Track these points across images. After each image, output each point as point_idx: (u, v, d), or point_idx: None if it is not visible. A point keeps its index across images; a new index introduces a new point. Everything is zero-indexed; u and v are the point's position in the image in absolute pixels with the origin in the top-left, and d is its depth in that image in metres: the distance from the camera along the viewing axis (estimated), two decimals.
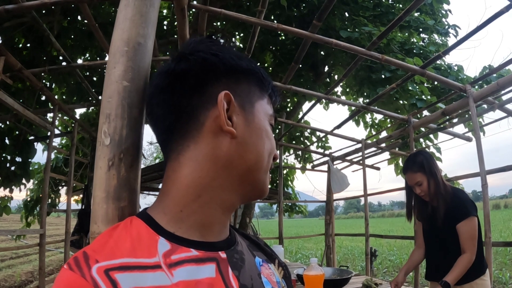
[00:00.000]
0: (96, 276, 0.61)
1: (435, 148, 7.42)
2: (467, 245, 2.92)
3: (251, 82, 0.84)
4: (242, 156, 0.79)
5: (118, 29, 0.96)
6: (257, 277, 0.83)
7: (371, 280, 3.45)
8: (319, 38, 3.65)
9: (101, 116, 0.90)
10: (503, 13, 3.31)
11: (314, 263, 2.30)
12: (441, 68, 6.16)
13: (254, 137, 0.81)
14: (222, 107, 0.76)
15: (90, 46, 6.65)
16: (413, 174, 3.19)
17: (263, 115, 0.85)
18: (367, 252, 6.02)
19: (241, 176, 0.80)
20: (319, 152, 8.78)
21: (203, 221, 0.77)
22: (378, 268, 12.65)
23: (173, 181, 0.78)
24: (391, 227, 34.94)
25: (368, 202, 6.43)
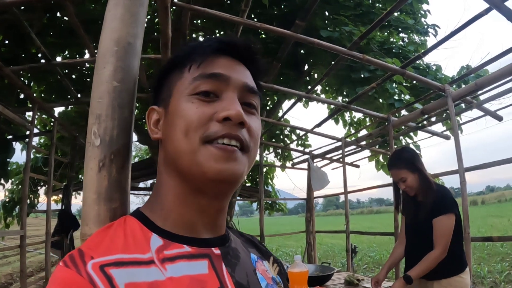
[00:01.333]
0: (92, 272, 0.62)
1: (414, 146, 7.51)
2: (438, 241, 2.92)
3: (171, 74, 0.84)
4: (168, 152, 0.80)
5: (107, 28, 0.96)
6: (252, 273, 0.83)
7: (353, 276, 3.49)
8: (302, 38, 3.66)
9: (90, 116, 0.90)
10: (483, 15, 3.37)
11: (298, 260, 2.30)
12: (419, 68, 6.23)
13: (168, 128, 0.79)
14: (148, 121, 0.85)
15: (70, 43, 6.54)
16: (398, 171, 3.19)
17: (179, 96, 0.79)
18: (348, 249, 6.07)
19: (176, 170, 0.78)
20: (299, 150, 8.81)
21: (187, 221, 0.78)
22: (358, 264, 12.75)
23: (160, 184, 0.82)
24: (370, 224, 35.21)
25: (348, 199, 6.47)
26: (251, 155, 0.79)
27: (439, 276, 2.96)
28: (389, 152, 6.32)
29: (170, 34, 3.05)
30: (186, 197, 0.78)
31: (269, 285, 0.86)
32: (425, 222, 3.04)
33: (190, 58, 0.80)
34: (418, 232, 3.20)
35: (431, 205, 3.02)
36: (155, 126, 0.84)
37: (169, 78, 0.83)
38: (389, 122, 5.38)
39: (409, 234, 3.34)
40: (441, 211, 2.96)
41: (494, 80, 3.88)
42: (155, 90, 0.88)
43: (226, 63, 0.81)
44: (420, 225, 3.11)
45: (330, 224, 33.37)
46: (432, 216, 2.98)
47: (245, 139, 0.77)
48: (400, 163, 3.21)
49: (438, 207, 2.99)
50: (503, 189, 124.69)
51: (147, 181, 10.57)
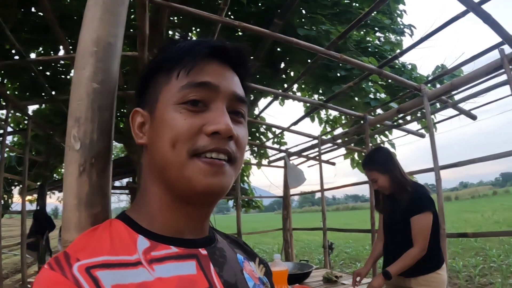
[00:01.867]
0: (77, 274, 0.61)
1: (389, 144, 7.59)
2: (417, 239, 2.94)
3: (157, 77, 0.80)
4: (153, 161, 0.78)
5: (86, 28, 0.93)
6: (240, 273, 0.83)
7: (331, 273, 3.51)
8: (281, 37, 3.66)
9: (69, 119, 0.87)
10: (459, 18, 3.43)
11: (278, 259, 2.31)
12: (395, 67, 6.28)
13: (155, 136, 0.77)
14: (133, 125, 0.81)
15: (45, 40, 6.41)
16: (369, 172, 3.24)
17: (166, 103, 0.76)
18: (325, 246, 6.10)
19: (162, 179, 0.77)
20: (275, 148, 8.82)
21: (173, 225, 0.77)
22: (335, 260, 12.83)
23: (142, 188, 0.81)
24: (346, 220, 35.50)
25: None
26: (237, 165, 0.79)
27: (416, 273, 2.98)
28: (364, 150, 6.39)
29: (147, 31, 3.01)
30: (172, 204, 0.77)
31: (256, 285, 0.86)
32: (401, 220, 3.08)
33: (178, 63, 0.77)
34: (394, 230, 3.23)
35: (407, 204, 3.04)
36: (139, 129, 0.81)
37: (155, 80, 0.80)
38: (365, 121, 5.43)
39: (386, 231, 3.37)
40: (418, 210, 2.97)
41: (469, 81, 3.94)
42: (138, 90, 0.85)
43: (215, 70, 0.78)
44: (396, 223, 3.15)
45: (306, 221, 33.45)
46: (409, 215, 3.01)
47: (233, 151, 0.76)
48: (371, 164, 3.26)
49: (415, 206, 3.00)
50: (476, 185, 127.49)
51: (123, 179, 10.47)
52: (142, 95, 0.84)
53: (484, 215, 25.25)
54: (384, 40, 7.33)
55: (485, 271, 9.50)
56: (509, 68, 3.29)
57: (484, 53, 3.90)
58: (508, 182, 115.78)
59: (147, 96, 0.81)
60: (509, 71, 3.29)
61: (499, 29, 3.21)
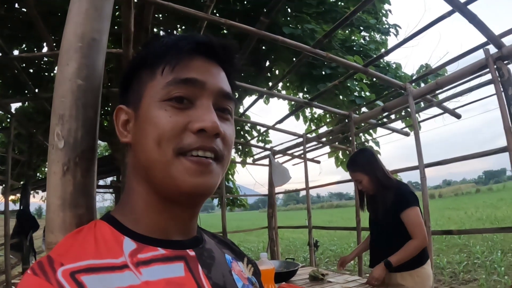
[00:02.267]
0: (62, 279, 0.59)
1: (374, 143, 7.64)
2: (414, 232, 3.01)
3: (141, 73, 0.78)
4: (137, 159, 0.76)
5: (71, 22, 0.90)
6: (228, 274, 0.82)
7: (318, 271, 3.49)
8: (266, 34, 3.65)
9: (53, 117, 0.84)
10: (445, 17, 3.45)
11: (264, 257, 2.30)
12: (380, 66, 6.32)
13: (139, 134, 0.74)
14: (116, 122, 0.78)
15: (28, 36, 6.31)
16: (353, 173, 3.36)
17: (150, 101, 0.74)
18: (310, 244, 6.11)
19: (147, 179, 0.75)
20: (260, 146, 8.81)
21: (160, 226, 0.75)
22: (320, 258, 12.87)
23: (127, 188, 0.79)
24: (330, 218, 35.69)
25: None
26: (224, 163, 0.77)
27: (402, 269, 3.04)
28: (349, 148, 6.42)
29: (132, 28, 2.97)
30: (158, 204, 0.75)
31: (245, 286, 0.85)
32: (384, 219, 3.20)
33: (163, 59, 0.75)
34: (378, 228, 3.35)
35: (391, 203, 3.12)
36: (123, 128, 0.79)
37: (139, 77, 0.78)
38: (350, 119, 5.45)
39: (373, 230, 3.47)
40: (405, 206, 3.05)
41: (454, 80, 3.98)
42: (122, 87, 0.82)
43: (201, 66, 0.76)
44: (380, 221, 3.27)
45: (291, 219, 33.67)
46: (394, 213, 3.09)
47: (220, 149, 0.74)
48: (355, 166, 3.37)
49: (401, 203, 3.08)
50: (459, 183, 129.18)
51: (107, 178, 10.37)
52: (126, 92, 0.81)
53: (467, 212, 25.57)
54: (369, 39, 7.37)
55: (469, 268, 9.60)
56: (494, 68, 3.32)
57: (469, 53, 3.95)
58: (491, 180, 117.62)
59: (131, 93, 0.79)
60: (493, 70, 3.32)
61: (484, 29, 3.24)
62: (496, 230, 5.18)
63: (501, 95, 3.25)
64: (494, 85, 3.34)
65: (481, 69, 3.63)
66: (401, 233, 3.08)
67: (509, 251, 10.65)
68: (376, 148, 7.63)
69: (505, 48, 3.29)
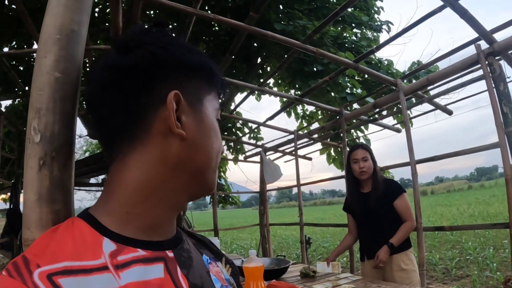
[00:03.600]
0: (39, 282, 0.56)
1: (364, 140, 7.66)
2: (407, 215, 3.55)
3: (201, 77, 0.79)
4: (192, 158, 0.75)
5: (50, 14, 0.88)
6: (206, 275, 0.81)
7: (309, 268, 3.50)
8: (256, 30, 3.64)
9: (30, 110, 0.82)
10: (436, 13, 3.46)
11: (253, 255, 2.28)
12: (372, 62, 6.33)
13: (204, 138, 0.77)
14: (172, 109, 0.71)
15: (18, 33, 6.25)
16: (364, 150, 3.77)
17: (212, 111, 0.81)
18: (302, 241, 6.11)
19: (191, 178, 0.77)
20: (252, 143, 8.81)
21: (150, 223, 0.74)
22: (313, 255, 12.92)
23: (118, 183, 0.73)
24: (323, 215, 35.85)
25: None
26: None
27: (398, 250, 3.48)
28: (341, 145, 6.42)
29: (120, 24, 2.95)
30: (173, 196, 0.77)
31: (223, 286, 0.84)
32: (376, 209, 3.62)
33: (221, 86, 0.86)
34: (369, 219, 3.71)
35: (383, 192, 3.61)
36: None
37: (198, 77, 0.79)
38: (341, 115, 5.45)
39: (362, 222, 3.86)
40: (396, 194, 3.60)
41: (445, 76, 3.98)
42: (186, 66, 0.77)
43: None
44: (371, 212, 3.66)
45: (284, 216, 33.82)
46: (388, 201, 3.60)
47: None
48: (365, 147, 3.85)
49: (393, 192, 3.62)
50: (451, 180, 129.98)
51: (98, 176, 10.31)
52: (178, 79, 0.76)
53: (460, 209, 25.73)
54: (361, 36, 7.39)
55: (461, 264, 9.66)
56: (485, 63, 3.33)
57: (460, 48, 3.96)
58: (483, 177, 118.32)
59: (187, 87, 0.76)
60: (485, 66, 3.33)
61: (476, 24, 3.24)
62: (488, 226, 5.19)
63: (493, 91, 3.26)
64: (485, 80, 3.35)
65: (472, 65, 3.64)
66: (393, 219, 3.58)
67: (501, 247, 10.72)
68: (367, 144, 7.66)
69: (496, 44, 3.30)
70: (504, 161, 3.16)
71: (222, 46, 7.02)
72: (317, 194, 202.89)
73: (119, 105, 0.72)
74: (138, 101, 0.72)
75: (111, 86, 0.72)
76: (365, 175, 3.71)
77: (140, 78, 0.72)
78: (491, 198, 31.94)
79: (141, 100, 0.72)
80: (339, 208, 39.75)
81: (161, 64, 0.73)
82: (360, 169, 3.70)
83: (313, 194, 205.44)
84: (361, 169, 3.70)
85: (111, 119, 0.74)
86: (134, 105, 0.72)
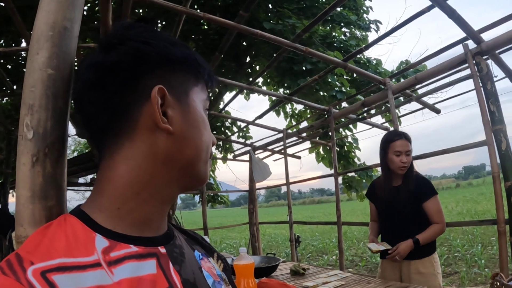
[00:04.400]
0: (32, 279, 0.56)
1: (352, 139, 7.71)
2: (439, 217, 3.19)
3: (186, 70, 0.79)
4: (181, 151, 0.76)
5: (42, 11, 0.87)
6: (198, 270, 0.81)
7: (299, 266, 3.51)
8: (246, 29, 3.64)
9: (22, 107, 0.82)
10: (425, 12, 3.50)
11: (244, 252, 2.29)
12: (360, 62, 6.37)
13: (192, 130, 0.77)
14: (156, 103, 0.71)
15: (6, 31, 6.20)
16: (407, 142, 3.31)
17: (199, 103, 0.81)
18: (291, 239, 6.13)
19: (181, 171, 0.77)
20: (241, 142, 8.82)
21: (142, 218, 0.74)
22: (302, 253, 12.94)
23: (108, 179, 0.73)
24: (312, 214, 35.94)
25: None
26: None
27: (422, 255, 3.19)
28: (329, 143, 6.45)
29: (110, 22, 2.93)
30: (164, 190, 0.78)
31: (215, 282, 0.84)
32: (405, 206, 3.26)
33: (209, 77, 0.87)
34: (394, 215, 3.36)
35: (414, 190, 3.23)
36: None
37: (183, 70, 0.79)
38: (330, 114, 5.47)
39: (386, 217, 3.51)
40: (428, 195, 3.21)
41: (433, 74, 4.02)
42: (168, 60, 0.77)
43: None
44: (397, 209, 3.31)
45: (273, 215, 33.81)
46: (419, 201, 3.23)
47: None
48: (408, 137, 3.36)
49: (423, 192, 3.23)
50: (439, 178, 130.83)
51: (87, 176, 10.26)
52: (162, 73, 0.76)
53: (448, 206, 25.89)
54: (350, 35, 7.42)
55: (449, 261, 9.74)
56: (473, 63, 3.36)
57: (448, 48, 4.00)
58: (471, 175, 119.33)
59: (172, 81, 0.76)
60: (472, 65, 3.36)
61: (464, 24, 3.27)
62: (476, 223, 5.27)
63: (480, 90, 3.29)
64: (473, 79, 3.38)
65: (460, 64, 3.68)
66: (419, 219, 3.24)
67: (489, 244, 10.83)
68: (355, 144, 7.72)
69: (484, 44, 3.33)
70: (491, 159, 3.20)
71: (212, 45, 7.02)
72: (306, 193, 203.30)
73: (105, 102, 0.72)
74: (123, 98, 0.72)
75: (96, 84, 0.73)
76: (405, 170, 3.30)
77: (124, 74, 0.72)
78: (479, 196, 32.24)
79: (126, 96, 0.72)
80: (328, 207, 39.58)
81: (144, 59, 0.73)
82: (402, 164, 3.27)
83: (302, 193, 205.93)
84: (403, 164, 3.27)
85: (98, 117, 0.74)
86: (120, 102, 0.72)
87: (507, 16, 3.42)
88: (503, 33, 3.25)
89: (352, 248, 13.23)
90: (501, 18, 3.46)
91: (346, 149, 7.86)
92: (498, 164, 3.21)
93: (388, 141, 3.40)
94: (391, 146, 3.34)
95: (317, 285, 2.99)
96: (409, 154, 3.29)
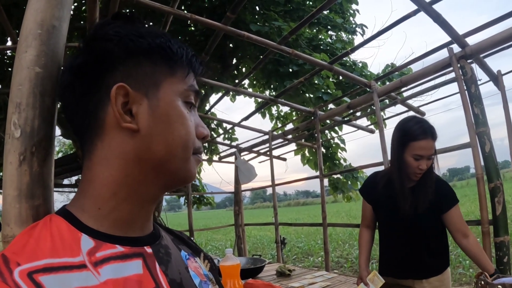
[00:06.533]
0: (19, 280, 0.56)
1: (339, 140, 7.74)
2: (465, 230, 2.54)
3: (156, 61, 0.76)
4: (149, 149, 0.74)
5: (31, 9, 0.87)
6: (185, 270, 0.82)
7: (284, 267, 3.52)
8: (232, 30, 3.64)
9: (10, 105, 0.82)
10: (410, 16, 3.55)
11: (230, 253, 2.29)
12: (346, 64, 6.41)
13: (161, 126, 0.74)
14: (115, 103, 0.71)
15: None
16: (433, 143, 2.52)
17: (173, 96, 0.76)
18: (277, 240, 6.14)
19: (156, 169, 0.75)
20: (226, 143, 8.81)
21: (124, 218, 0.74)
22: (288, 255, 12.94)
23: (88, 180, 0.74)
24: (297, 216, 36.00)
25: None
26: None
27: (433, 273, 2.66)
28: (315, 145, 6.47)
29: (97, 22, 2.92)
30: (141, 188, 0.76)
31: (202, 282, 0.85)
32: (426, 215, 2.58)
33: (188, 64, 0.81)
34: (406, 225, 2.64)
35: (434, 197, 2.55)
36: (124, 111, 0.73)
37: (152, 62, 0.76)
38: (315, 116, 5.49)
39: (392, 225, 2.79)
40: (450, 204, 2.57)
41: (418, 78, 4.05)
42: (123, 59, 0.74)
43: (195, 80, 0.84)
44: (419, 220, 2.60)
45: (258, 217, 33.82)
46: (437, 210, 2.58)
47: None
48: (435, 134, 2.54)
49: (444, 199, 2.59)
50: None
51: (72, 177, 10.16)
52: (126, 68, 0.74)
53: None
54: (336, 38, 7.47)
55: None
56: (457, 66, 3.40)
57: (433, 51, 4.07)
58: (455, 177, 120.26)
59: (138, 75, 0.74)
60: (457, 69, 3.40)
61: (448, 28, 3.31)
62: None
63: (464, 93, 3.32)
64: (457, 83, 3.42)
65: (445, 68, 3.71)
66: (436, 231, 2.66)
67: None
68: (342, 145, 7.76)
69: (468, 48, 3.37)
70: (475, 160, 3.23)
71: (198, 46, 7.01)
72: (291, 195, 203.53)
73: (77, 105, 0.74)
74: (91, 99, 0.73)
75: (68, 87, 0.75)
76: (420, 176, 2.57)
77: (88, 75, 0.73)
78: (463, 197, 32.48)
79: (93, 97, 0.73)
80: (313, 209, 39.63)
81: (106, 57, 0.73)
82: (419, 171, 2.52)
83: (287, 195, 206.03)
84: (420, 171, 2.53)
85: (73, 119, 0.76)
86: (88, 103, 0.73)
87: (492, 21, 3.48)
88: (487, 37, 3.29)
89: (338, 250, 13.27)
90: (486, 23, 3.53)
91: (332, 151, 7.91)
92: (482, 166, 3.24)
93: (409, 137, 2.53)
94: (411, 145, 2.51)
95: (303, 286, 3.01)
96: (431, 158, 2.53)
